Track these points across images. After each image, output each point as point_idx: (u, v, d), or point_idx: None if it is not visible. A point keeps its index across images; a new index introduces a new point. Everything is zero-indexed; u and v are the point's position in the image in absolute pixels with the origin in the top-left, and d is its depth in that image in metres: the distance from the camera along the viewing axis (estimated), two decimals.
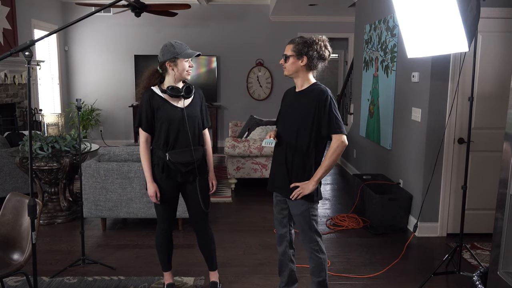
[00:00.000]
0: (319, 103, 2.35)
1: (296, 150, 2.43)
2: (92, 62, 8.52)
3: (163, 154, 2.60)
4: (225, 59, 8.59)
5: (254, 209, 4.86)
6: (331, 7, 7.18)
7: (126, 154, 3.95)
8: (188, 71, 2.59)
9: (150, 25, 8.19)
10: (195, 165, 2.64)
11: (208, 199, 2.75)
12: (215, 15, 8.44)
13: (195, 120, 2.65)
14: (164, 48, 2.58)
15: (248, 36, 8.50)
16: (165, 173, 2.62)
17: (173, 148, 2.60)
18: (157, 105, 2.59)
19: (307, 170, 2.43)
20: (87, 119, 8.33)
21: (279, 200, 2.61)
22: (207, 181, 2.76)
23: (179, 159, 2.59)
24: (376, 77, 5.23)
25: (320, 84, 2.45)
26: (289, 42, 2.46)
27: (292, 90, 2.58)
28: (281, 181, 2.50)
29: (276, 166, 2.55)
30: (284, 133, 2.49)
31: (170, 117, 2.58)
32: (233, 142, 5.33)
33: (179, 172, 2.62)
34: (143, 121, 2.61)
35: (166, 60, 2.57)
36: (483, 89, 3.71)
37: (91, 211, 3.93)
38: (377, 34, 5.13)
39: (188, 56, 2.55)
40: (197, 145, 2.68)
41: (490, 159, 3.79)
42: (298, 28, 8.44)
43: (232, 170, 5.46)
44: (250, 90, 8.71)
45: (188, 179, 2.67)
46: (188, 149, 2.61)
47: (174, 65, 2.57)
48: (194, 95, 2.71)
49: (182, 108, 2.62)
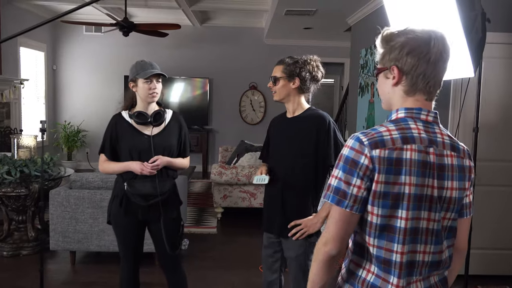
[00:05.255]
0: (319, 131, 2.07)
1: (293, 185, 2.12)
2: (80, 82, 8.28)
3: (122, 184, 2.29)
4: (218, 82, 8.37)
5: (240, 242, 4.51)
6: (326, 31, 7.01)
7: (99, 181, 3.63)
8: (151, 93, 2.30)
9: (142, 46, 7.99)
10: (159, 200, 2.30)
11: (177, 238, 2.42)
12: (209, 37, 8.26)
13: (164, 150, 2.34)
14: (130, 67, 2.32)
15: (242, 59, 8.31)
16: (124, 208, 2.29)
17: (134, 178, 2.29)
18: (122, 131, 2.31)
19: (308, 206, 2.12)
20: (73, 141, 8.01)
21: (272, 241, 2.27)
22: (176, 220, 2.43)
23: (138, 189, 2.26)
24: (372, 103, 4.98)
25: (316, 109, 2.18)
26: (278, 62, 2.20)
27: (281, 118, 2.28)
28: (277, 220, 2.18)
29: (271, 204, 2.23)
30: (277, 167, 2.18)
31: (134, 145, 2.29)
32: (220, 169, 5.02)
33: (139, 207, 2.30)
34: (106, 148, 2.33)
35: (129, 81, 2.31)
36: (485, 119, 3.44)
37: (59, 243, 3.58)
38: (373, 58, 4.91)
39: (145, 76, 2.26)
40: (165, 176, 2.36)
41: (494, 194, 3.48)
42: (293, 51, 8.07)
43: (219, 198, 5.13)
44: (242, 114, 8.46)
45: (150, 217, 2.34)
46: (151, 179, 2.28)
47: (136, 87, 2.30)
48: (170, 123, 2.41)
49: (149, 136, 2.32)
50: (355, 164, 1.19)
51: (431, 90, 1.25)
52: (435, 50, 1.21)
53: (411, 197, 1.18)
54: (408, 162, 1.18)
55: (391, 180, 1.18)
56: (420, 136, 1.21)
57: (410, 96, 1.25)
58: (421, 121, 1.24)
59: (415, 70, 1.21)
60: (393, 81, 1.25)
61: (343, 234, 1.21)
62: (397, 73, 1.23)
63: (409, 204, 1.19)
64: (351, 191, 1.18)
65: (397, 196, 1.18)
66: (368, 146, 1.18)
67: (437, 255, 1.24)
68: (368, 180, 1.18)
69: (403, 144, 1.18)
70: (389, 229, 1.21)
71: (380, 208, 1.19)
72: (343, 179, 1.19)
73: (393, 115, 1.27)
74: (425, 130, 1.23)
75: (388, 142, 1.18)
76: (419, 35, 1.22)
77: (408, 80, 1.23)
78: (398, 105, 1.27)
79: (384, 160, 1.17)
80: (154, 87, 2.31)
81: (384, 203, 1.19)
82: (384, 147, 1.18)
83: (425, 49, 1.20)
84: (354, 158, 1.19)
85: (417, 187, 1.19)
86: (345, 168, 1.20)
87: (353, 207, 1.19)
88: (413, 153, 1.19)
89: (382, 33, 1.29)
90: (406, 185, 1.18)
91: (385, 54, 1.26)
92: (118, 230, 2.39)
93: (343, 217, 1.20)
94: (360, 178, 1.18)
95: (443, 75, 1.26)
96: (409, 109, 1.24)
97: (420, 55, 1.20)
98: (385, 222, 1.20)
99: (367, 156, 1.17)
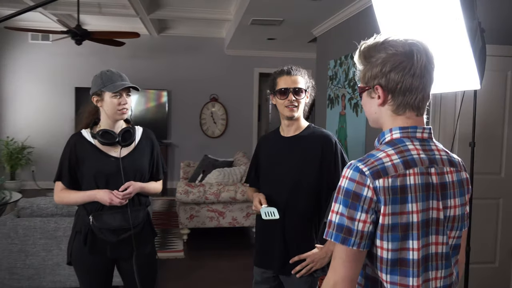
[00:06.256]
0: (325, 152, 1.84)
1: (296, 213, 1.86)
2: (26, 94, 7.59)
3: (86, 217, 1.93)
4: (177, 94, 8.00)
5: (209, 266, 4.18)
6: (290, 42, 6.88)
7: (53, 207, 3.19)
8: (120, 109, 1.97)
9: (94, 55, 7.47)
10: (132, 233, 1.96)
11: (152, 279, 2.08)
12: (167, 47, 7.90)
13: (136, 174, 2.02)
14: (93, 79, 1.98)
15: (202, 70, 8.00)
16: (89, 246, 1.93)
17: (101, 209, 1.93)
18: (83, 154, 1.96)
19: (312, 237, 1.87)
20: (17, 158, 7.31)
21: (267, 277, 1.97)
22: (151, 256, 2.09)
23: (107, 223, 1.92)
24: (344, 115, 4.85)
25: (317, 127, 1.96)
26: (294, 72, 1.90)
27: (276, 136, 2.02)
28: (276, 253, 1.89)
29: (268, 235, 1.94)
30: (276, 194, 1.90)
31: (100, 170, 1.95)
32: (186, 187, 4.67)
33: (108, 243, 1.94)
34: (64, 174, 1.96)
35: (92, 94, 1.97)
36: (466, 132, 3.36)
37: (5, 281, 3.09)
38: (344, 70, 4.79)
39: (115, 89, 1.93)
40: (137, 205, 2.03)
41: (484, 207, 3.38)
42: (255, 63, 8.09)
43: (185, 219, 4.76)
44: (203, 126, 8.13)
45: (120, 254, 1.99)
46: (121, 210, 1.94)
47: (101, 101, 1.96)
48: (140, 142, 2.08)
49: (117, 159, 1.98)
50: (357, 197, 1.08)
51: (420, 105, 1.17)
52: (420, 63, 1.13)
53: (420, 225, 1.11)
54: (412, 188, 1.11)
55: (398, 210, 1.09)
56: (420, 157, 1.14)
57: (399, 115, 1.17)
58: (417, 140, 1.17)
59: (401, 87, 1.14)
60: (378, 101, 1.17)
61: (352, 274, 1.11)
62: (381, 92, 1.16)
63: (418, 233, 1.11)
64: (356, 227, 1.08)
65: (406, 227, 1.11)
66: (370, 176, 1.09)
67: (448, 278, 1.19)
68: (373, 213, 1.09)
69: (405, 169, 1.11)
70: (401, 263, 1.12)
71: (390, 242, 1.11)
72: (346, 215, 1.09)
73: (386, 135, 1.19)
74: (423, 149, 1.16)
75: (390, 169, 1.10)
76: (400, 50, 1.13)
77: (395, 98, 1.16)
78: (388, 124, 1.19)
79: (389, 190, 1.09)
80: (124, 102, 1.99)
81: (393, 236, 1.10)
82: (387, 176, 1.09)
83: (408, 64, 1.13)
84: (356, 190, 1.09)
85: (423, 212, 1.12)
86: (347, 202, 1.09)
87: (360, 244, 1.09)
88: (416, 177, 1.12)
89: (360, 48, 1.20)
90: (414, 213, 1.11)
91: (366, 72, 1.18)
92: (82, 273, 2.01)
93: (350, 257, 1.10)
94: (364, 212, 1.08)
95: (430, 87, 1.18)
96: (404, 128, 1.17)
97: (404, 70, 1.13)
98: (396, 256, 1.12)
99: (370, 187, 1.08)
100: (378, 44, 1.18)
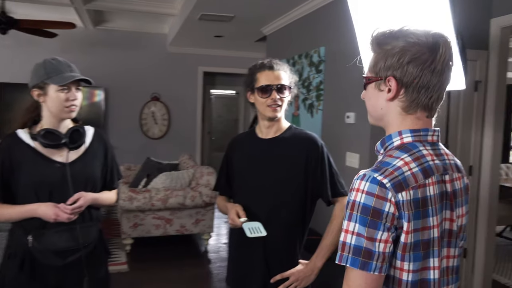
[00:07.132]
0: (310, 158, 1.65)
1: (279, 225, 1.63)
2: None
3: (24, 237, 1.57)
4: (115, 92, 7.46)
5: (156, 279, 3.85)
6: (237, 40, 6.67)
7: None
8: (68, 106, 1.64)
9: (22, 46, 6.75)
10: (82, 255, 1.63)
11: None
12: (104, 41, 7.34)
13: (87, 183, 1.69)
14: (34, 68, 1.62)
15: (142, 67, 7.54)
16: (27, 272, 1.56)
17: (43, 227, 1.58)
18: (19, 159, 1.60)
19: (296, 251, 1.66)
20: None
21: None
22: (104, 281, 1.77)
23: (51, 243, 1.58)
24: (297, 116, 4.71)
25: (299, 128, 1.75)
26: (277, 67, 1.70)
27: (251, 138, 1.78)
28: (256, 272, 1.65)
29: (246, 252, 1.69)
30: (255, 204, 1.66)
31: (42, 178, 1.60)
32: (130, 193, 4.28)
33: (51, 268, 1.60)
34: None
35: (32, 86, 1.61)
36: None
37: None
38: (297, 69, 4.66)
39: (63, 81, 1.60)
40: (88, 221, 1.70)
41: None
42: (199, 61, 7.78)
43: (128, 228, 4.37)
44: (144, 127, 7.66)
45: (67, 281, 1.64)
46: (69, 227, 1.61)
47: (44, 96, 1.62)
48: (92, 145, 1.76)
49: (63, 164, 1.64)
50: (378, 214, 0.93)
51: (434, 105, 1.05)
52: (442, 59, 1.01)
53: (440, 240, 1.01)
54: (432, 200, 0.99)
55: (420, 226, 0.97)
56: (435, 163, 1.03)
57: (409, 114, 1.05)
58: (428, 144, 1.06)
59: (417, 83, 1.01)
60: (389, 95, 1.04)
61: None
62: (394, 85, 1.02)
63: (439, 249, 1.01)
64: (377, 249, 0.94)
65: (428, 244, 0.99)
66: (392, 189, 0.94)
67: None
68: (394, 231, 0.96)
69: (424, 178, 0.99)
70: (422, 285, 1.00)
71: (411, 263, 0.98)
72: (365, 235, 0.93)
73: (394, 139, 1.06)
74: (435, 154, 1.05)
75: (410, 180, 0.97)
76: (422, 40, 1.00)
77: (408, 95, 1.03)
78: (395, 124, 1.06)
79: (411, 204, 0.96)
80: (74, 97, 1.66)
81: (415, 255, 0.98)
82: (408, 187, 0.96)
83: (430, 57, 1.00)
84: (376, 206, 0.94)
85: (440, 225, 1.01)
86: (365, 220, 0.93)
87: (382, 268, 0.94)
88: (434, 187, 1.00)
89: (373, 34, 1.06)
90: (435, 227, 0.99)
91: (378, 60, 1.04)
92: None
93: (371, 283, 0.95)
94: (386, 230, 0.94)
95: (446, 87, 1.06)
96: (415, 131, 1.04)
97: (424, 64, 1.00)
98: (417, 278, 0.99)
99: (392, 202, 0.94)
100: (395, 31, 1.03)
